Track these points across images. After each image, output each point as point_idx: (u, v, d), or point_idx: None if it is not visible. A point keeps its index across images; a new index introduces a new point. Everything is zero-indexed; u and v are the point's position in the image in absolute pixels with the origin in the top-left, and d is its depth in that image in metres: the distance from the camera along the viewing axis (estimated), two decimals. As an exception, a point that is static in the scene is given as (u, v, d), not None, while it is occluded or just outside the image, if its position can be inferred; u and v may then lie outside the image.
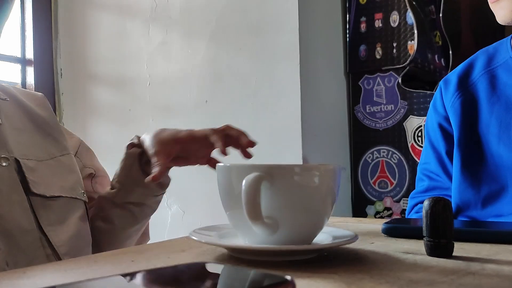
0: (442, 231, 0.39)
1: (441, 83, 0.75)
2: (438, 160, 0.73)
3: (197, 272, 0.31)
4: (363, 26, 1.48)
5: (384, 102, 1.44)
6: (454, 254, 0.40)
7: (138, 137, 0.70)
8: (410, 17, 1.40)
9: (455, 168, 0.69)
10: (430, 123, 0.75)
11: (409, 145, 1.40)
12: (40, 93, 0.72)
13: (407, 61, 1.40)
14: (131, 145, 0.69)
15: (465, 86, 0.71)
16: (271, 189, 0.37)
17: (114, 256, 0.41)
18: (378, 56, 1.45)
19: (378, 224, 0.56)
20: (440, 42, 1.56)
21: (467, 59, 0.74)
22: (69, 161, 0.66)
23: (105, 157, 1.59)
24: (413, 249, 0.43)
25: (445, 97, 0.73)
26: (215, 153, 0.62)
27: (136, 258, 0.40)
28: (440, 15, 1.55)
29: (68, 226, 0.61)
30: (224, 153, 0.60)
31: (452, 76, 0.74)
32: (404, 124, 1.41)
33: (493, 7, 0.64)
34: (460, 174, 0.68)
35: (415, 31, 1.39)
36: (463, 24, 1.63)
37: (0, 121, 0.60)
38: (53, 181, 0.61)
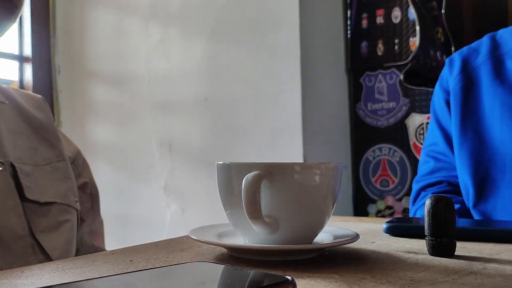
0: (444, 230, 0.39)
1: (447, 61, 0.75)
2: (446, 139, 0.73)
3: (197, 272, 0.31)
4: (364, 23, 1.47)
5: (386, 100, 1.44)
6: (456, 253, 0.39)
7: None
8: (412, 13, 1.39)
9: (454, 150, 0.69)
10: (437, 102, 0.75)
11: (411, 143, 1.40)
12: (40, 96, 0.72)
13: (409, 58, 1.39)
14: None
15: (467, 70, 0.71)
16: (271, 188, 0.37)
17: (113, 255, 0.41)
18: (379, 53, 1.44)
19: (379, 223, 0.56)
20: (442, 39, 1.56)
21: (473, 43, 0.75)
22: (65, 167, 0.66)
23: (103, 155, 1.60)
24: (415, 249, 0.42)
25: (449, 76, 0.73)
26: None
27: (134, 257, 0.40)
28: (442, 11, 1.54)
29: (61, 233, 0.61)
30: None
31: (457, 57, 0.74)
32: (405, 121, 1.40)
33: None
34: (458, 156, 0.68)
35: (417, 28, 1.38)
36: (466, 20, 1.62)
37: None
38: (48, 187, 0.61)
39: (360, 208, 1.47)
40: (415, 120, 1.39)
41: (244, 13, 1.38)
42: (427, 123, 1.37)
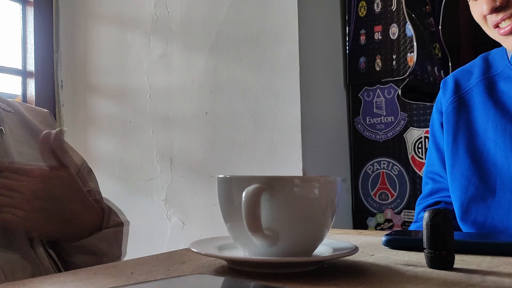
0: (443, 243, 0.39)
1: (441, 83, 0.76)
2: (441, 160, 0.73)
3: (197, 284, 0.31)
4: (362, 38, 1.49)
5: (384, 114, 1.45)
6: (454, 266, 0.40)
7: None
8: (410, 29, 1.41)
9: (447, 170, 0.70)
10: (435, 124, 0.76)
11: (409, 156, 1.40)
12: (46, 110, 0.73)
13: (407, 73, 1.41)
14: None
15: (459, 92, 0.72)
16: (271, 201, 0.37)
17: (114, 268, 0.41)
18: (377, 68, 1.46)
19: (378, 236, 0.56)
20: (440, 54, 1.58)
21: (467, 64, 0.76)
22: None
23: (105, 168, 1.60)
24: (413, 261, 0.42)
25: (443, 98, 0.74)
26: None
27: (135, 270, 0.40)
28: (440, 27, 1.56)
29: None
30: None
31: (450, 79, 0.75)
32: (404, 135, 1.41)
33: (503, 39, 0.64)
34: (450, 176, 0.69)
35: (415, 43, 1.40)
36: (463, 36, 1.64)
37: (4, 132, 0.61)
38: None
39: (359, 221, 1.47)
40: (414, 134, 1.40)
41: (245, 28, 1.40)
42: (426, 137, 1.38)
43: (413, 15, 1.46)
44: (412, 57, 1.40)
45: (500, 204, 0.64)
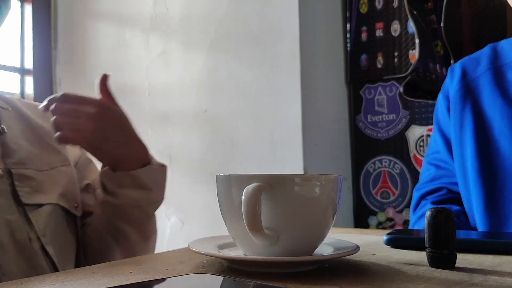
0: (444, 242, 0.39)
1: (449, 69, 0.76)
2: (447, 146, 0.73)
3: (196, 284, 0.31)
4: (364, 36, 1.48)
5: (386, 112, 1.44)
6: (456, 265, 0.39)
7: None
8: (411, 26, 1.41)
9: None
10: (440, 110, 0.76)
11: (411, 154, 1.40)
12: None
13: (409, 71, 1.40)
14: None
15: (466, 79, 0.72)
16: (272, 200, 0.37)
17: (112, 267, 0.41)
18: (379, 66, 1.45)
19: (380, 235, 0.56)
20: (442, 52, 1.57)
21: (475, 53, 0.75)
22: (70, 172, 0.67)
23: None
24: (415, 260, 0.42)
25: (450, 85, 0.74)
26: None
27: (134, 269, 0.40)
28: (442, 24, 1.56)
29: (59, 235, 0.61)
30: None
31: (458, 66, 0.74)
32: (405, 133, 1.41)
33: None
34: (457, 163, 0.69)
35: (416, 41, 1.39)
36: (465, 33, 1.64)
37: (5, 130, 0.61)
38: (50, 190, 0.62)
39: (360, 220, 1.47)
40: (415, 132, 1.40)
41: (244, 26, 1.39)
42: (427, 135, 1.37)
43: (415, 12, 1.45)
44: (414, 55, 1.40)
45: (502, 194, 0.64)
